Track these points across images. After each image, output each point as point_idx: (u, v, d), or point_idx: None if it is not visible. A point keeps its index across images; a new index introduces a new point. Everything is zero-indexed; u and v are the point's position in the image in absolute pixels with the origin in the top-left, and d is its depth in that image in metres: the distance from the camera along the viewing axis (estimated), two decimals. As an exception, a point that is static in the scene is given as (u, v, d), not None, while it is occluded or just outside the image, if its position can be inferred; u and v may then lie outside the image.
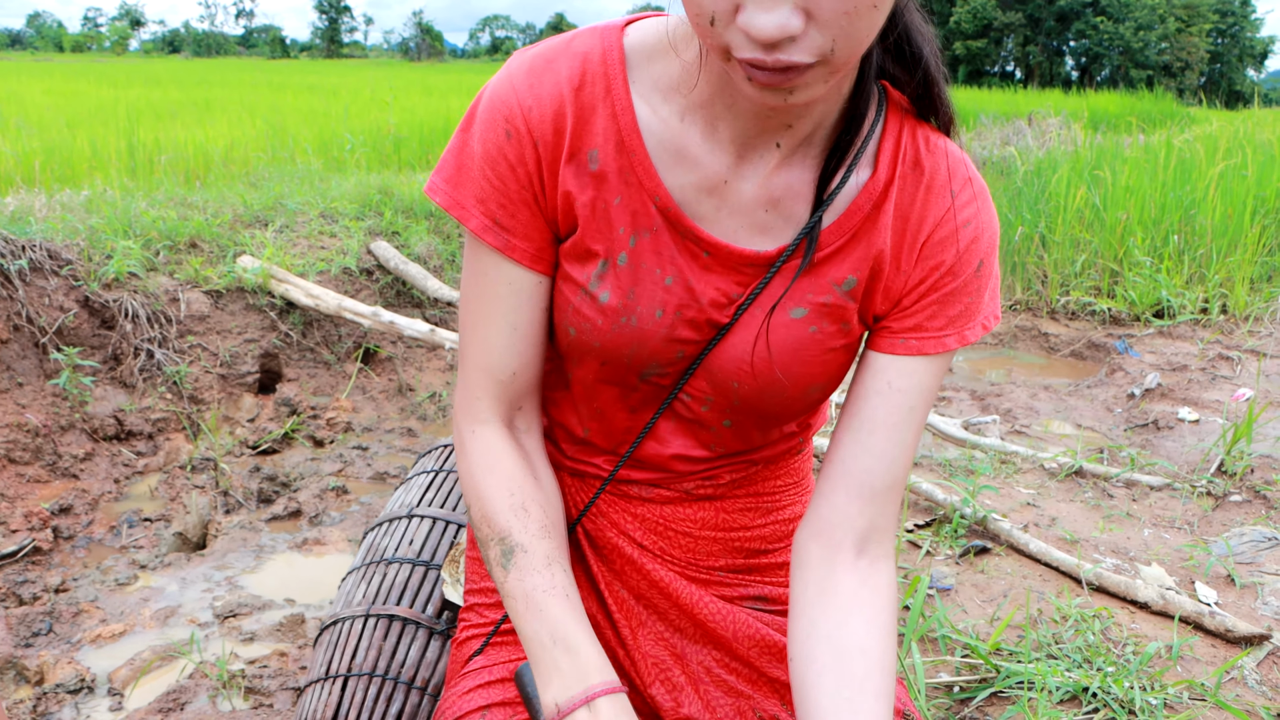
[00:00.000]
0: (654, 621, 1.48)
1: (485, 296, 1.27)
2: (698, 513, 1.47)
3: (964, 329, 1.24)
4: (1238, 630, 2.86)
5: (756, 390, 1.28)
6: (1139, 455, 4.48)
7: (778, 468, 1.51)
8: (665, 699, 1.45)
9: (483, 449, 1.31)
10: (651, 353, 1.26)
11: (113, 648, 3.24)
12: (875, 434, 1.25)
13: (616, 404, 1.35)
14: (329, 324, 5.45)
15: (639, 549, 1.46)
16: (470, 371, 1.32)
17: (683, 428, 1.37)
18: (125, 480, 4.48)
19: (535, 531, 1.26)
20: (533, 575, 1.23)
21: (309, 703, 1.84)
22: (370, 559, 2.00)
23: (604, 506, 1.47)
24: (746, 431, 1.38)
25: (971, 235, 1.21)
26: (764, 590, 1.53)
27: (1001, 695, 2.52)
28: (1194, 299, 6.92)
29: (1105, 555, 3.39)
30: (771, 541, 1.53)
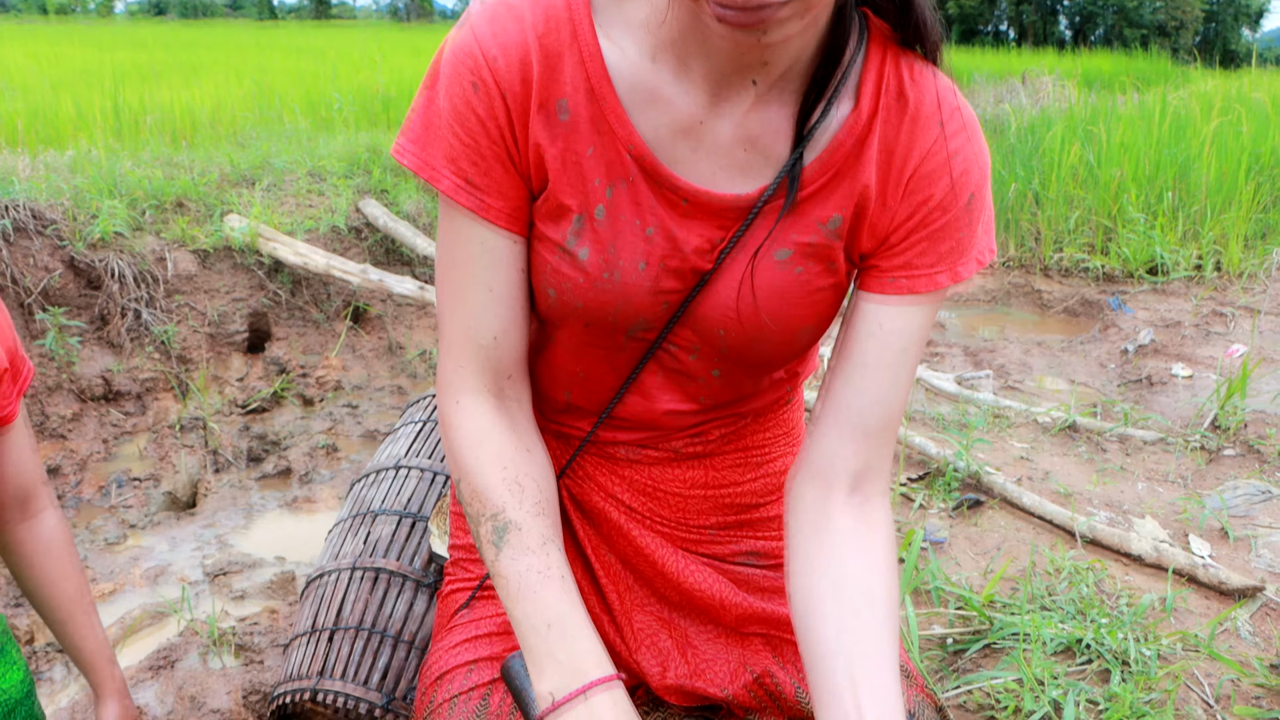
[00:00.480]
0: (642, 588, 1.45)
1: (461, 260, 1.21)
2: (687, 472, 1.43)
3: (956, 265, 1.19)
4: (1231, 583, 2.85)
5: (744, 336, 1.24)
6: (1132, 411, 4.46)
7: (766, 420, 1.47)
8: (653, 666, 1.43)
9: (470, 421, 1.25)
10: (637, 309, 1.21)
11: (103, 607, 3.23)
12: (867, 376, 1.21)
13: (602, 366, 1.31)
14: (318, 283, 5.41)
15: (626, 514, 1.43)
16: (451, 340, 1.26)
17: (670, 381, 1.33)
18: (114, 441, 4.45)
19: (530, 509, 1.21)
20: (527, 556, 1.18)
21: (295, 657, 1.82)
22: (357, 511, 1.97)
23: (590, 469, 1.43)
24: (736, 380, 1.34)
25: (961, 168, 1.16)
26: (756, 545, 1.50)
27: (995, 647, 2.51)
28: (1188, 256, 6.90)
29: (1099, 509, 3.38)
30: (762, 496, 1.50)
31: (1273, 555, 3.12)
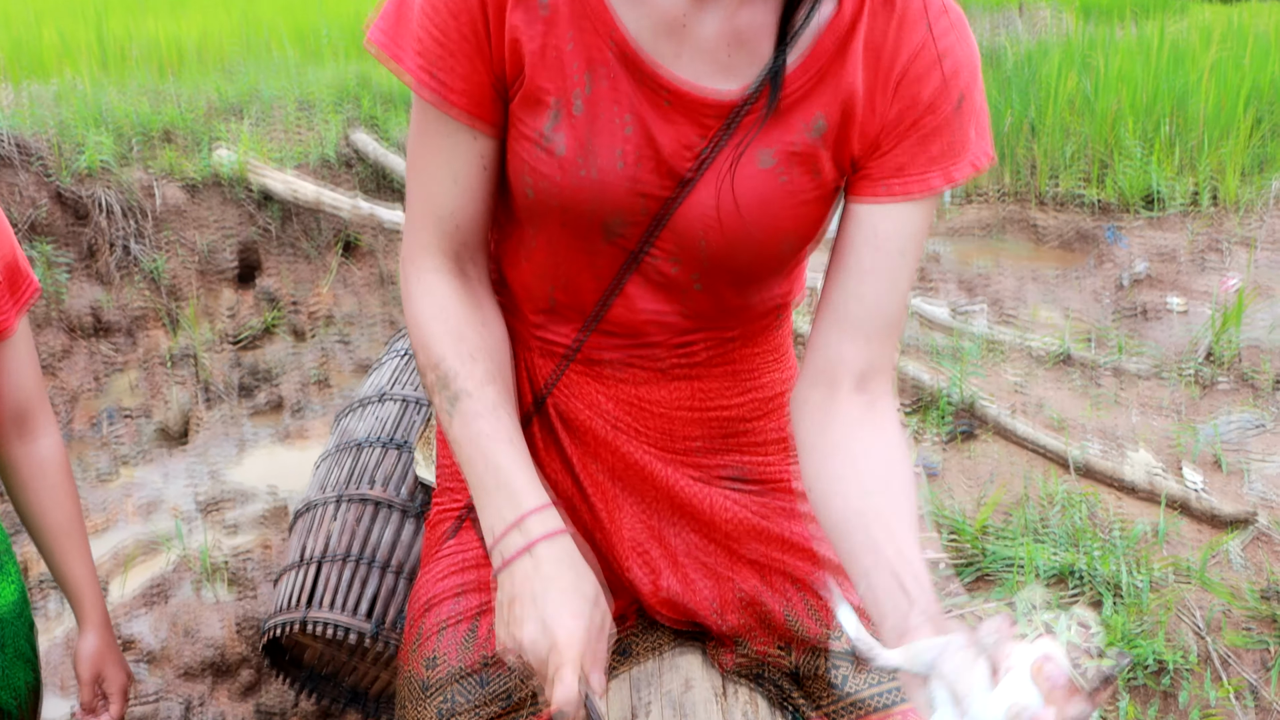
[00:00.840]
0: (631, 501, 1.44)
1: (427, 147, 1.22)
2: (673, 392, 1.41)
3: (950, 168, 1.16)
4: (1224, 512, 2.85)
5: (725, 246, 1.21)
6: (1127, 342, 4.45)
7: (757, 340, 1.45)
8: (643, 579, 1.42)
9: (429, 295, 1.27)
10: (614, 205, 1.19)
11: (96, 540, 3.22)
12: (865, 281, 1.20)
13: (583, 268, 1.29)
14: (308, 215, 5.36)
15: (612, 427, 1.41)
16: (416, 219, 1.28)
17: (652, 290, 1.30)
18: (104, 375, 4.44)
19: (480, 378, 1.24)
20: (477, 421, 1.22)
21: (284, 589, 1.81)
22: (342, 443, 1.96)
23: (577, 382, 1.41)
24: (719, 292, 1.31)
25: (951, 67, 1.13)
26: (742, 462, 1.48)
27: (988, 576, 2.52)
28: (1184, 188, 6.84)
29: (1092, 439, 3.37)
30: (749, 416, 1.48)
31: (1265, 485, 3.12)
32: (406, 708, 1.38)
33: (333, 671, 2.03)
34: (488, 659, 1.36)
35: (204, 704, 2.46)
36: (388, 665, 2.00)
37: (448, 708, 1.34)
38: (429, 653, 1.39)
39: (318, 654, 1.99)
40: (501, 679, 1.35)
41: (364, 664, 2.01)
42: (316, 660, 2.01)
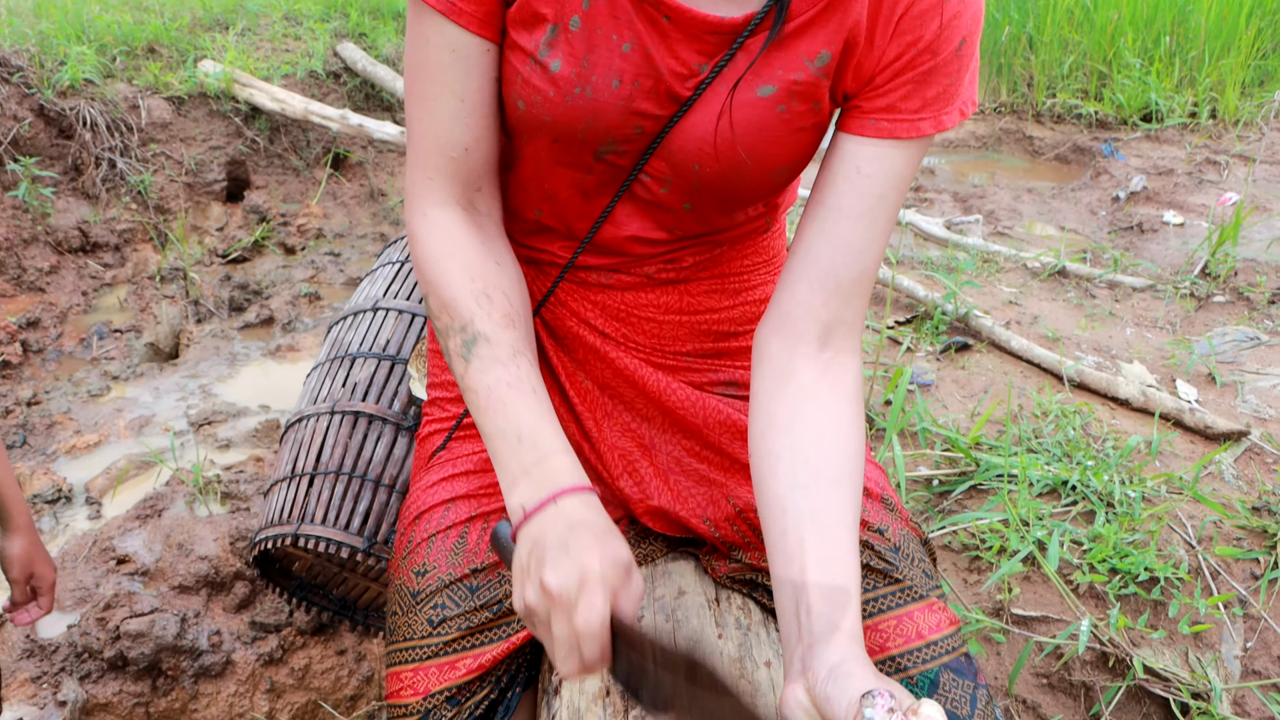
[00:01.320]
0: (620, 412, 1.43)
1: (430, 66, 1.16)
2: (661, 298, 1.39)
3: (940, 114, 1.14)
4: (1217, 427, 2.85)
5: (719, 173, 1.19)
6: (1123, 257, 4.43)
7: (744, 247, 1.43)
8: (633, 491, 1.41)
9: (439, 233, 1.22)
10: (608, 127, 1.16)
11: (88, 458, 3.22)
12: (842, 221, 1.17)
13: (571, 187, 1.27)
14: (296, 129, 5.29)
15: (601, 337, 1.39)
16: (420, 151, 1.22)
17: (640, 210, 1.28)
18: (93, 292, 4.40)
19: (499, 320, 1.18)
20: (496, 368, 1.15)
21: (275, 502, 1.80)
22: (335, 354, 1.93)
23: (563, 295, 1.39)
24: (707, 215, 1.30)
25: (954, 11, 1.10)
26: (734, 375, 1.47)
27: (981, 489, 2.52)
28: (1183, 102, 6.77)
29: (1087, 353, 3.36)
30: (740, 324, 1.46)
31: (1259, 400, 3.12)
32: (397, 616, 1.38)
33: (322, 583, 2.03)
34: (477, 567, 1.36)
35: (199, 618, 2.47)
36: (378, 579, 2.01)
37: (438, 616, 1.34)
38: (419, 562, 1.39)
39: (308, 565, 1.99)
40: (491, 586, 1.35)
41: (354, 577, 2.02)
42: (306, 571, 2.01)
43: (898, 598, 1.34)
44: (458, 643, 1.34)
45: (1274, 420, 3.00)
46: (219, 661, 2.42)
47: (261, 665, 2.45)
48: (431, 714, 1.32)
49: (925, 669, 1.31)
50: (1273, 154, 6.02)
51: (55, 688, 2.34)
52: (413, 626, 1.36)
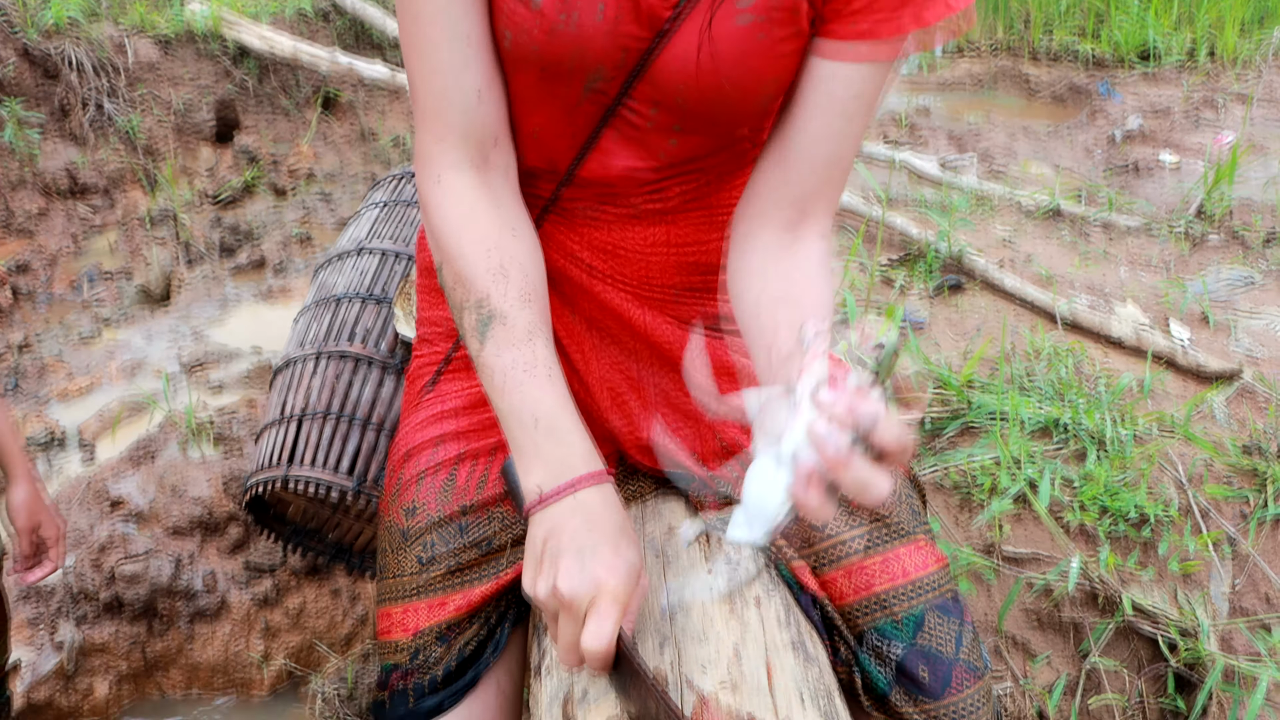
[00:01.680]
0: (609, 347, 1.42)
1: (430, 12, 1.13)
2: (647, 230, 1.38)
3: (923, 10, 1.10)
4: (1209, 367, 2.85)
5: (703, 97, 1.18)
6: (1118, 197, 4.41)
7: (729, 181, 1.42)
8: (622, 425, 1.41)
9: (453, 200, 1.19)
10: (596, 57, 1.14)
11: (81, 402, 3.21)
12: (815, 119, 1.18)
13: (558, 123, 1.24)
14: (285, 70, 5.24)
15: (589, 272, 1.38)
16: (428, 109, 1.18)
17: (627, 141, 1.26)
18: (83, 236, 4.37)
19: (515, 299, 1.16)
20: (512, 350, 1.14)
21: (265, 446, 1.80)
22: (321, 297, 1.93)
23: (550, 231, 1.38)
24: (695, 141, 1.28)
25: None
26: (721, 309, 1.46)
27: (973, 428, 2.52)
28: (1181, 41, 6.71)
29: (1080, 293, 3.36)
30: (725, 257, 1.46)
31: (1251, 340, 3.12)
32: (387, 555, 1.39)
33: (316, 527, 2.04)
34: (466, 506, 1.36)
35: (193, 561, 2.48)
36: (370, 520, 2.01)
37: (427, 555, 1.34)
38: (408, 501, 1.39)
39: (300, 510, 2.00)
40: (480, 525, 1.35)
41: (347, 519, 2.02)
42: (299, 516, 2.01)
43: (884, 536, 1.34)
44: (447, 580, 1.34)
45: (1266, 360, 3.00)
46: (214, 603, 2.43)
47: (256, 606, 2.46)
48: (421, 651, 1.33)
49: (910, 609, 1.32)
50: (1270, 93, 5.99)
51: (52, 630, 2.35)
52: (402, 565, 1.36)
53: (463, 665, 1.33)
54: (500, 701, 1.37)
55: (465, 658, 1.33)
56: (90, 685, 2.35)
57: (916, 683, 1.30)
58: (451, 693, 1.32)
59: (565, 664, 1.09)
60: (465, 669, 1.33)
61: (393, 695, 1.33)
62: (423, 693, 1.32)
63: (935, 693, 1.30)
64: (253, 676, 2.46)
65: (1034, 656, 2.21)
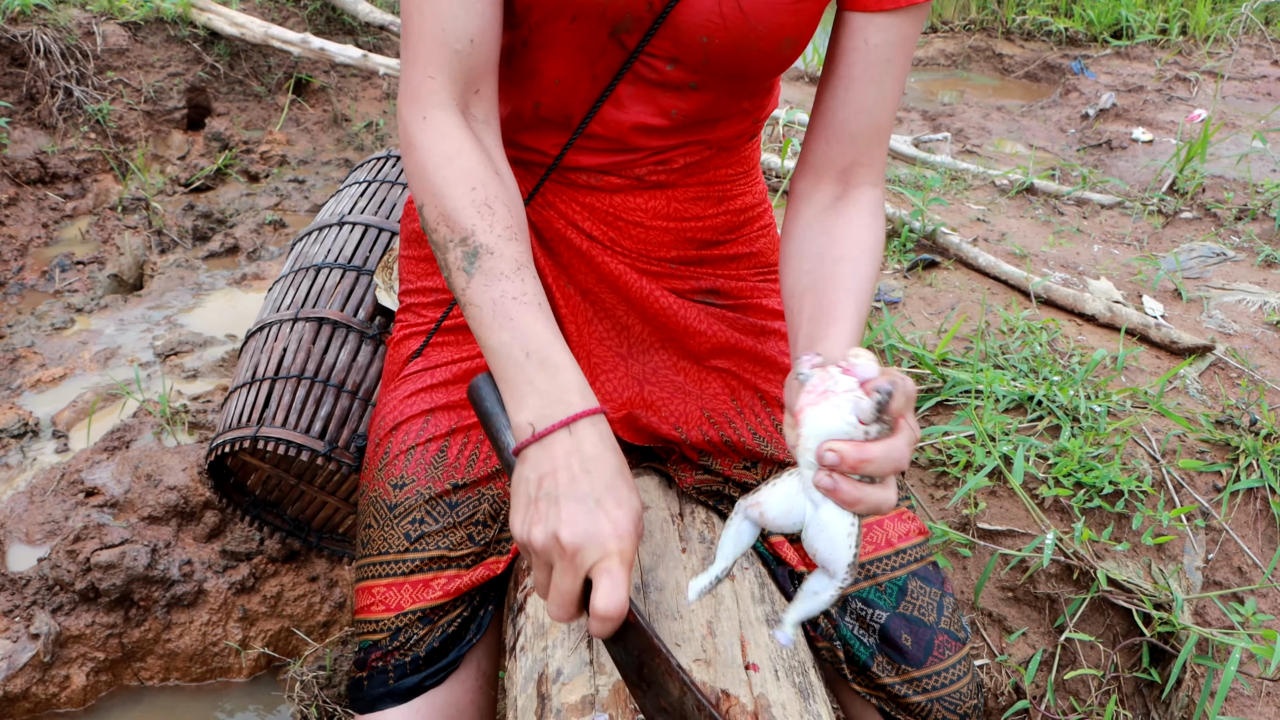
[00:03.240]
0: (599, 320, 1.42)
1: None
2: (649, 202, 1.39)
3: None
4: (1182, 342, 2.87)
5: (727, 44, 1.20)
6: (1091, 174, 4.42)
7: (731, 155, 1.44)
8: (606, 399, 1.41)
9: (438, 138, 1.18)
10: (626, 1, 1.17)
11: (54, 391, 3.19)
12: (852, 88, 1.23)
13: (580, 71, 1.25)
14: (257, 54, 5.19)
15: (588, 240, 1.39)
16: (419, 46, 1.17)
17: (644, 92, 1.28)
18: (54, 224, 4.33)
19: (501, 232, 1.15)
20: (501, 281, 1.12)
21: (233, 407, 1.77)
22: (299, 266, 1.91)
23: (551, 196, 1.38)
24: (712, 96, 1.30)
25: None
26: (716, 283, 1.48)
27: (947, 404, 2.53)
28: (1154, 19, 6.73)
29: (1054, 270, 3.37)
30: (723, 233, 1.47)
31: (1224, 315, 3.14)
32: (372, 529, 1.38)
33: (277, 499, 2.01)
34: (458, 483, 1.36)
35: (170, 548, 2.46)
36: (335, 491, 1.99)
37: (416, 531, 1.34)
38: (396, 475, 1.38)
39: (264, 478, 1.97)
40: (470, 503, 1.35)
41: (311, 489, 1.99)
42: (262, 486, 1.99)
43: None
44: (435, 562, 1.34)
45: (1238, 335, 3.02)
46: (191, 591, 2.42)
47: (233, 594, 2.45)
48: (403, 631, 1.32)
49: (894, 576, 1.33)
50: (1242, 70, 6.02)
51: (27, 621, 2.33)
52: (389, 540, 1.35)
53: (445, 645, 1.33)
54: (480, 681, 1.37)
55: (448, 636, 1.33)
56: (67, 675, 2.33)
57: (899, 650, 1.31)
58: (432, 672, 1.32)
59: (558, 618, 1.05)
60: (447, 649, 1.33)
61: (372, 674, 1.33)
62: (404, 671, 1.32)
63: (918, 660, 1.31)
64: (231, 664, 2.46)
65: (1010, 632, 2.22)
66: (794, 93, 5.62)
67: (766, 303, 1.50)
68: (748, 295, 1.49)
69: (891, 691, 1.31)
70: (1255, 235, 3.74)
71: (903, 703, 1.31)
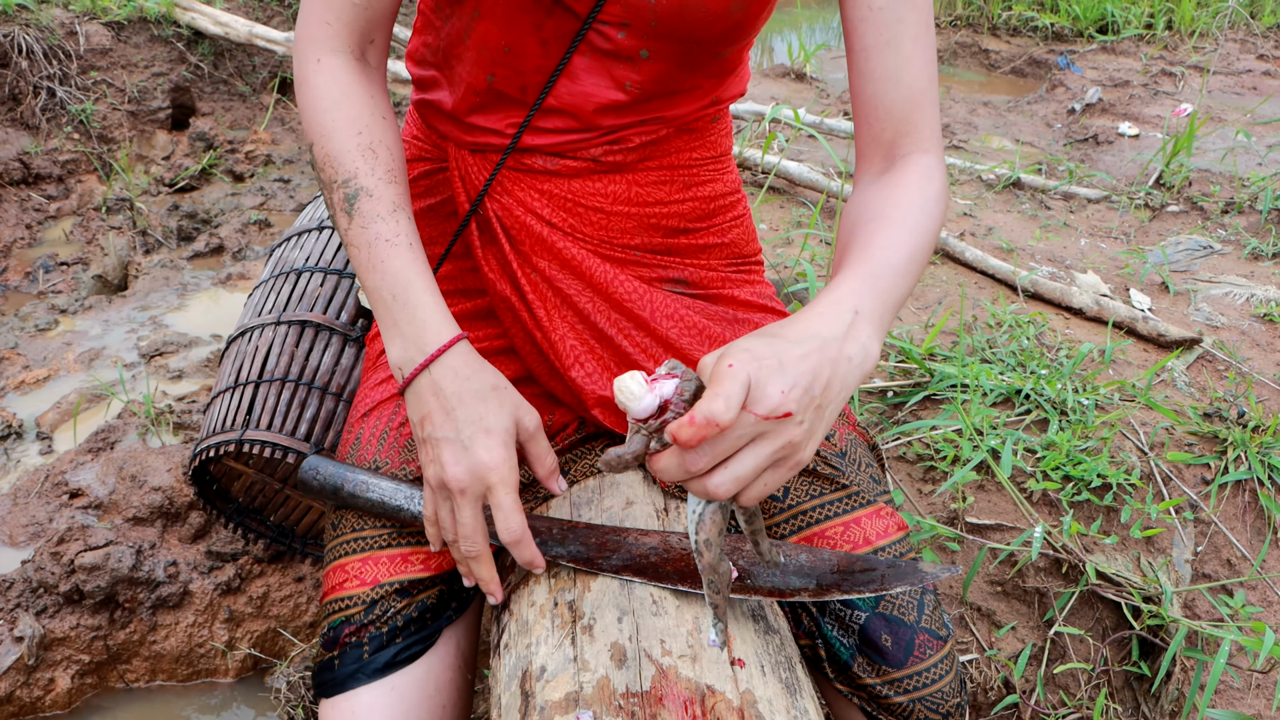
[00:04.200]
0: (568, 307, 1.41)
1: None
2: (608, 186, 1.37)
3: None
4: (1170, 335, 2.86)
5: (674, 7, 1.19)
6: (1078, 169, 4.42)
7: (692, 139, 1.41)
8: (584, 380, 1.40)
9: (330, 80, 1.23)
10: None
11: (38, 393, 3.17)
12: (870, 59, 1.22)
13: (528, 37, 1.25)
14: (241, 53, 5.18)
15: (549, 227, 1.37)
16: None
17: (598, 64, 1.27)
18: (38, 225, 4.31)
19: (382, 175, 1.21)
20: (377, 223, 1.19)
21: (217, 412, 1.76)
22: (279, 271, 1.90)
23: (509, 184, 1.37)
24: (666, 66, 1.29)
25: None
26: (685, 273, 1.45)
27: (935, 399, 2.52)
28: (1140, 14, 6.75)
29: (1041, 264, 3.37)
30: (692, 220, 1.45)
31: (1211, 308, 3.14)
32: (345, 511, 1.36)
33: (261, 505, 2.00)
34: None
35: (155, 550, 2.45)
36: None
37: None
38: (370, 458, 1.37)
39: (248, 484, 1.96)
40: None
41: (295, 494, 1.98)
42: (245, 492, 1.97)
43: (844, 504, 1.34)
44: (414, 536, 1.32)
45: (1226, 327, 3.02)
46: (176, 592, 2.40)
47: (219, 595, 2.44)
48: (380, 604, 1.29)
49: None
50: (1227, 64, 6.03)
51: (11, 623, 2.32)
52: (363, 518, 1.34)
53: (423, 617, 1.30)
54: (458, 660, 1.34)
55: (426, 609, 1.31)
56: (52, 678, 2.32)
57: (880, 650, 1.29)
58: (410, 644, 1.29)
59: (469, 553, 1.17)
60: (425, 622, 1.30)
61: (344, 651, 1.29)
62: (380, 643, 1.28)
63: (898, 661, 1.29)
64: (217, 665, 2.44)
65: (999, 626, 2.22)
66: (780, 89, 5.61)
67: (739, 293, 1.48)
68: (718, 286, 1.47)
69: (873, 692, 1.30)
70: (1241, 228, 3.75)
71: (884, 703, 1.30)
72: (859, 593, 1.20)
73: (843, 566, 1.23)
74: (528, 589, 1.24)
